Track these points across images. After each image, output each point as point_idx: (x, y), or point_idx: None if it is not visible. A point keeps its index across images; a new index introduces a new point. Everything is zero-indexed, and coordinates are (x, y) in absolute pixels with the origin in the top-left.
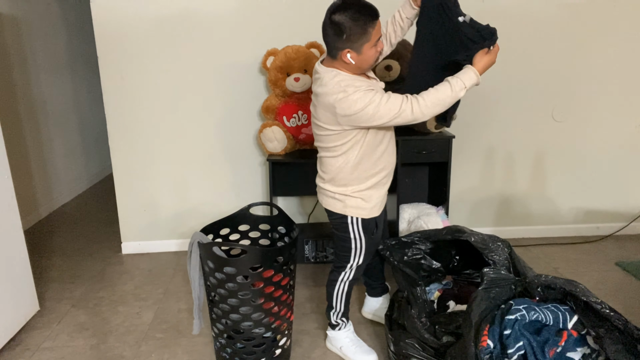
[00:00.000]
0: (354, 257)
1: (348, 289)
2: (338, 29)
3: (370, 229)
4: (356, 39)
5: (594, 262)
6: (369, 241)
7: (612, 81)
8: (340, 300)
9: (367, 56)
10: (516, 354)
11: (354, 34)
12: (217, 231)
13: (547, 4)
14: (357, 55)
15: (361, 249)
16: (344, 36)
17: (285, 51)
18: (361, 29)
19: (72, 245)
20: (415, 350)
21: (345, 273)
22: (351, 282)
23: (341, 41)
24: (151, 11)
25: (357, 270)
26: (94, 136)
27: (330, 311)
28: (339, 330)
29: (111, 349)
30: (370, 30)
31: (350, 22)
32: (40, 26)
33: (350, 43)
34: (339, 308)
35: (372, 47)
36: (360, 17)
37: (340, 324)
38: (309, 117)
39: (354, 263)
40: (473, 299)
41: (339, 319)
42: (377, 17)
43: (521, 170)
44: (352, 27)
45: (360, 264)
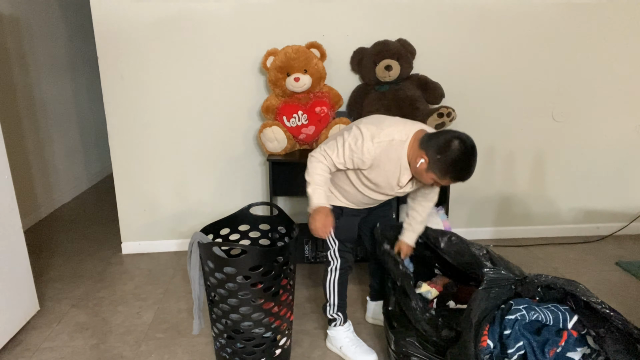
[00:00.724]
0: (329, 243)
1: (339, 278)
2: (442, 149)
3: (335, 214)
4: (436, 163)
5: (594, 262)
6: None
7: (612, 81)
8: (332, 290)
9: (424, 177)
10: (516, 354)
11: (440, 160)
12: (217, 231)
13: (547, 4)
14: (424, 168)
15: (331, 234)
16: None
17: (285, 51)
18: (445, 169)
19: (72, 245)
20: (416, 349)
21: (331, 262)
22: (341, 270)
23: (432, 152)
24: (151, 11)
25: (341, 257)
26: (94, 136)
27: (326, 305)
28: (335, 327)
29: (111, 349)
30: (446, 178)
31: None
32: (40, 26)
33: (432, 155)
34: (332, 300)
35: (432, 179)
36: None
37: (337, 318)
38: (309, 117)
39: (332, 249)
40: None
41: (335, 314)
42: (457, 181)
43: (521, 170)
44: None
45: (338, 249)
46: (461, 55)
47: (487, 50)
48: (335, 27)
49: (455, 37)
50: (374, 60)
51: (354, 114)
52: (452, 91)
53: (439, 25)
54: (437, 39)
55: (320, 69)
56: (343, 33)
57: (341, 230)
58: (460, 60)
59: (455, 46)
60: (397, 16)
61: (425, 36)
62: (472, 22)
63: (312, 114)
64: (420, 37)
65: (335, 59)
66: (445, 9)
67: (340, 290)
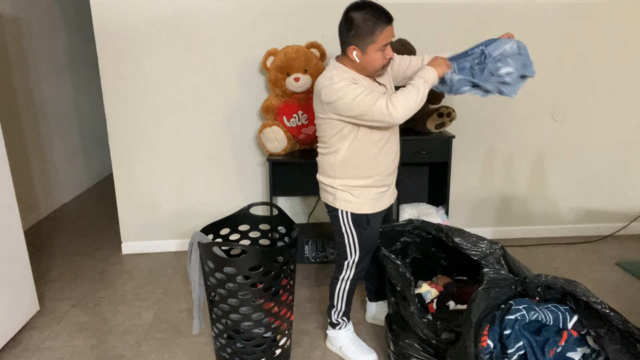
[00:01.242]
0: (349, 253)
1: (349, 287)
2: (349, 25)
3: (361, 224)
4: (362, 38)
5: (594, 262)
6: (360, 237)
7: (612, 81)
8: (342, 299)
9: (372, 58)
10: (516, 354)
11: (361, 33)
12: (217, 231)
13: (547, 4)
14: (361, 54)
15: (354, 244)
16: (352, 32)
17: (285, 51)
18: (369, 29)
19: (72, 245)
20: (415, 350)
21: (344, 271)
22: (352, 281)
23: (349, 37)
24: (151, 11)
25: (356, 269)
26: (94, 136)
27: (332, 310)
28: (338, 330)
29: (111, 349)
30: (377, 33)
31: (360, 20)
32: (40, 26)
33: (356, 40)
34: (339, 307)
35: (378, 51)
36: (370, 18)
37: (341, 323)
38: (309, 117)
39: (350, 260)
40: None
41: (340, 318)
42: (387, 22)
43: (521, 170)
44: (360, 26)
45: (358, 261)
46: None
47: None
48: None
49: (455, 37)
50: None
51: None
52: None
53: (439, 25)
54: (437, 39)
55: (320, 69)
56: None
57: (366, 240)
58: None
59: (455, 46)
60: (397, 16)
61: (425, 36)
62: (472, 22)
63: (312, 114)
64: (420, 37)
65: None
66: (445, 9)
67: (348, 298)
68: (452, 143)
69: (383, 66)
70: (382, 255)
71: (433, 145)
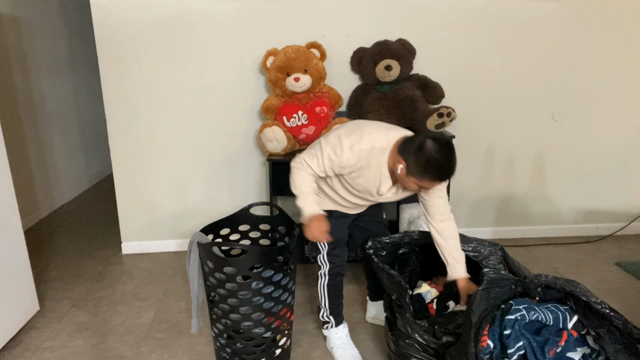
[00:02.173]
0: (319, 245)
1: (328, 282)
2: (418, 149)
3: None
4: (414, 166)
5: (594, 262)
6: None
7: (612, 81)
8: (324, 293)
9: (407, 183)
10: (516, 354)
11: (417, 162)
12: (217, 231)
13: (547, 4)
14: (404, 174)
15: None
16: (413, 157)
17: (285, 51)
18: (424, 170)
19: (72, 245)
20: (415, 350)
21: (321, 265)
22: (330, 275)
23: (410, 153)
24: (151, 11)
25: (330, 262)
26: (94, 136)
27: (319, 308)
28: (327, 329)
29: (111, 349)
30: (425, 180)
31: (426, 157)
32: (40, 26)
33: (410, 163)
34: (323, 303)
35: (415, 184)
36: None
37: (329, 321)
38: (309, 117)
39: (321, 254)
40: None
41: (327, 317)
42: (440, 179)
43: (521, 170)
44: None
45: (326, 254)
46: (461, 55)
47: (487, 50)
48: (335, 27)
49: (455, 37)
50: (374, 60)
51: (354, 114)
52: (452, 91)
53: (439, 25)
54: (437, 39)
55: (320, 69)
56: (343, 33)
57: (330, 233)
58: (460, 60)
59: (455, 46)
60: (397, 16)
61: (425, 36)
62: (472, 22)
63: (312, 114)
64: (420, 37)
65: (335, 59)
66: (445, 9)
67: (331, 294)
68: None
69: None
70: (377, 267)
71: None
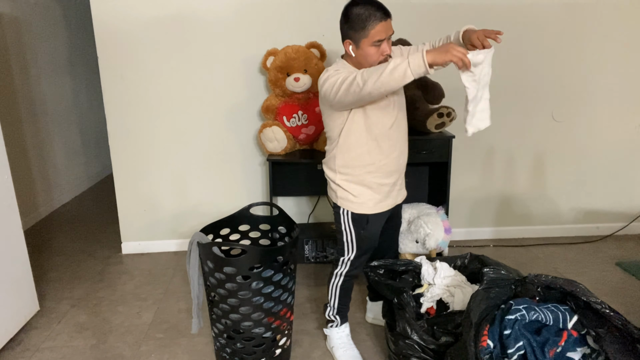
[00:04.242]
0: (346, 250)
1: (342, 283)
2: (346, 18)
3: (360, 223)
4: (356, 31)
5: (594, 262)
6: (359, 236)
7: (612, 81)
8: (335, 293)
9: (366, 53)
10: (516, 354)
11: (355, 26)
12: (217, 231)
13: (547, 3)
14: (356, 48)
15: (352, 243)
16: (347, 26)
17: (285, 51)
18: (362, 23)
19: (72, 245)
20: (415, 350)
21: (340, 266)
22: (346, 276)
23: (344, 30)
24: (151, 11)
25: (351, 266)
26: (94, 136)
27: (326, 306)
28: (331, 328)
29: (111, 349)
30: (369, 27)
31: (354, 14)
32: (40, 26)
33: (351, 34)
34: (333, 302)
35: (372, 46)
36: (364, 12)
37: (334, 320)
38: (309, 117)
39: (346, 257)
40: (473, 299)
41: (333, 315)
42: (382, 17)
43: (521, 170)
44: (354, 19)
45: (353, 259)
46: None
47: None
48: (335, 27)
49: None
50: None
51: None
52: (452, 91)
53: (439, 25)
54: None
55: (320, 69)
56: None
57: (364, 240)
58: None
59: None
60: (397, 16)
61: (425, 36)
62: (472, 22)
63: (312, 114)
64: (420, 37)
65: (335, 59)
66: (445, 9)
67: (342, 294)
68: (452, 143)
69: (379, 62)
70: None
71: (433, 145)
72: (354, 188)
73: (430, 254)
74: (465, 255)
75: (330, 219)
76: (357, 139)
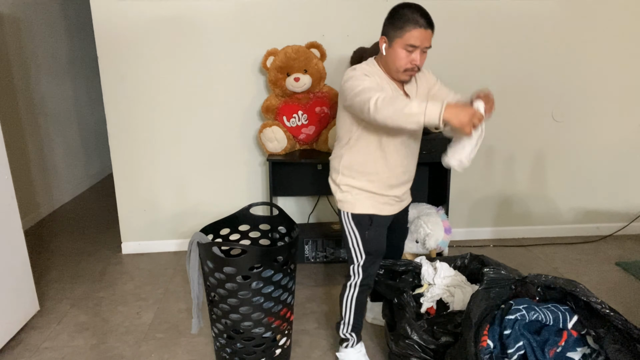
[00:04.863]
0: (355, 257)
1: (357, 295)
2: (390, 14)
3: (364, 224)
4: (393, 29)
5: (594, 262)
6: (364, 238)
7: (612, 81)
8: (349, 308)
9: (396, 55)
10: (516, 354)
11: (394, 23)
12: (217, 231)
13: (547, 3)
14: (388, 46)
15: (359, 247)
16: (387, 22)
17: (285, 51)
18: (401, 23)
19: (72, 245)
20: (415, 350)
21: (352, 276)
22: (361, 287)
23: (384, 26)
24: (151, 12)
25: (364, 273)
26: (94, 136)
27: (340, 323)
28: (346, 348)
29: (111, 349)
30: (406, 29)
31: (398, 12)
32: (40, 26)
33: (388, 30)
34: (347, 318)
35: (403, 49)
36: (407, 14)
37: (349, 339)
38: (309, 117)
39: (356, 264)
40: (473, 299)
41: (348, 333)
42: (422, 26)
43: (521, 170)
44: (396, 17)
45: (364, 265)
46: (461, 55)
47: (487, 50)
48: (335, 27)
49: (456, 37)
50: None
51: None
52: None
53: (439, 25)
54: (437, 38)
55: (320, 69)
56: (343, 33)
57: (370, 242)
58: (460, 60)
59: (455, 46)
60: None
61: None
62: (472, 22)
63: (312, 114)
64: None
65: (335, 59)
66: (445, 9)
67: (357, 308)
68: None
69: (405, 70)
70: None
71: (433, 145)
72: (353, 189)
73: (430, 254)
74: (465, 255)
75: (330, 219)
76: (366, 145)
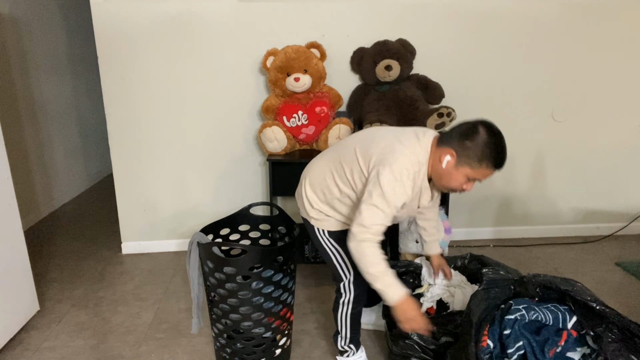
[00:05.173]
0: (343, 273)
1: (352, 311)
2: (471, 134)
3: (343, 239)
4: (468, 155)
5: (594, 262)
6: (348, 252)
7: (612, 81)
8: (345, 324)
9: (455, 177)
10: (516, 354)
11: (473, 149)
12: (217, 231)
13: (547, 4)
14: (453, 164)
15: (343, 262)
16: (466, 142)
17: (285, 51)
18: (481, 156)
19: (72, 245)
20: (415, 350)
21: (344, 294)
22: (354, 304)
23: (459, 141)
24: (151, 11)
25: (356, 289)
26: (94, 136)
27: (337, 336)
28: (347, 358)
29: (111, 349)
30: (483, 166)
31: (482, 142)
32: (40, 26)
33: (461, 151)
34: (344, 333)
35: (465, 176)
36: (490, 151)
37: (349, 351)
38: (309, 117)
39: (346, 281)
40: (473, 299)
41: (347, 346)
42: (497, 167)
43: (521, 170)
44: (478, 146)
45: (354, 280)
46: (461, 55)
47: (487, 50)
48: (335, 27)
49: (455, 37)
50: (374, 60)
51: (354, 114)
52: (452, 91)
53: (439, 25)
54: (437, 39)
55: (320, 69)
56: (343, 33)
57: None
58: (460, 60)
59: (455, 46)
60: (397, 16)
61: (425, 36)
62: (472, 22)
63: (312, 114)
64: (420, 37)
65: (335, 59)
66: (445, 9)
67: (353, 323)
68: None
69: (451, 190)
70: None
71: None
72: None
73: None
74: (465, 255)
75: None
76: (350, 206)
